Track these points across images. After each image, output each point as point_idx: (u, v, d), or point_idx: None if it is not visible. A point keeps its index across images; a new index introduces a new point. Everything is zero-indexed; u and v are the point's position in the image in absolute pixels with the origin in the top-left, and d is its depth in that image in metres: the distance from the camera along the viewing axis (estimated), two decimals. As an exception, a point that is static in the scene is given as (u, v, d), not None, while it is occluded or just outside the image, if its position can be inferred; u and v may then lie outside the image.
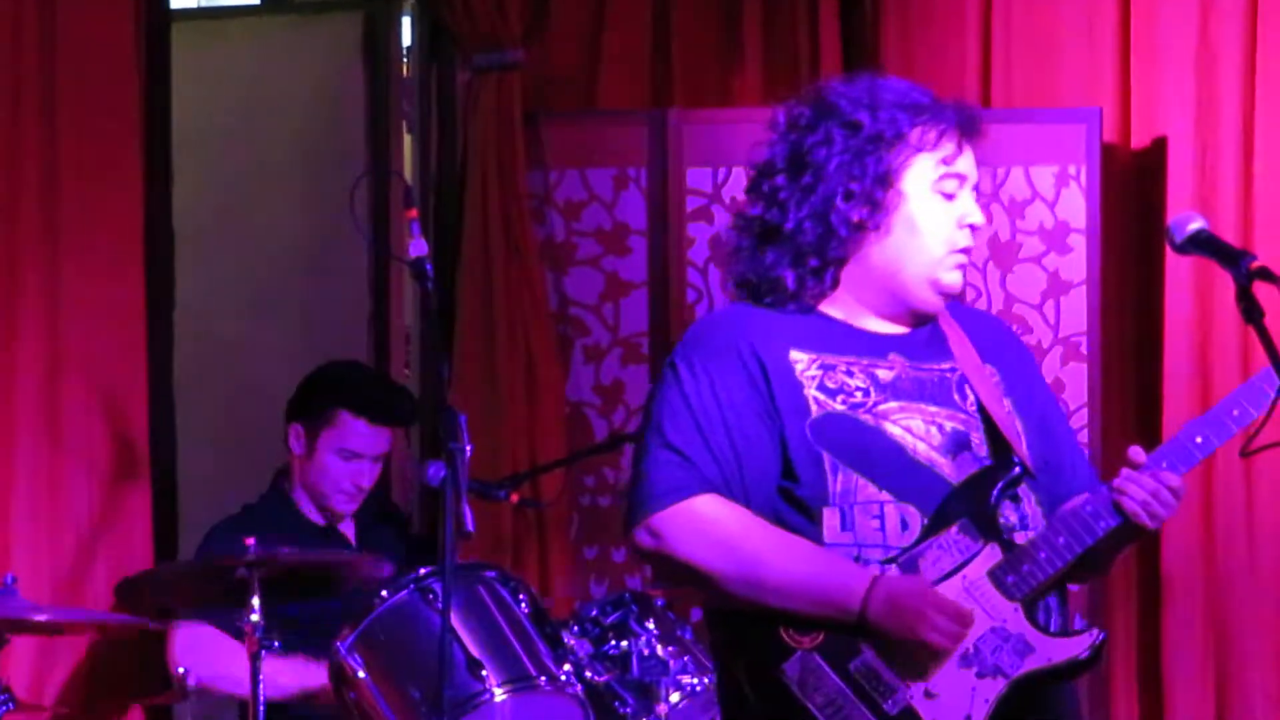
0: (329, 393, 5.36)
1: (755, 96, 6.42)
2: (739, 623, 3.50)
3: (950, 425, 3.54)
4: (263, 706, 4.56)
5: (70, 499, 5.41)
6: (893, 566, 3.46)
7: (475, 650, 4.55)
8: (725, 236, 3.65)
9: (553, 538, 6.25)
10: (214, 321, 6.42)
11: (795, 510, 3.49)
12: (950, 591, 3.46)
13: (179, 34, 5.95)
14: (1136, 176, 6.20)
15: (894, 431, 3.51)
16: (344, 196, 4.68)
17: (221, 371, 6.43)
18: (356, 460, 5.31)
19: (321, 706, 4.93)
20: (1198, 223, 3.53)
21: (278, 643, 4.59)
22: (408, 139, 6.59)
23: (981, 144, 3.60)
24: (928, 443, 3.52)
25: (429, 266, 4.34)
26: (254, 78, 6.66)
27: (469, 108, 6.35)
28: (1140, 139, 6.18)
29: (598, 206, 6.35)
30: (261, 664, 4.54)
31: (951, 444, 3.53)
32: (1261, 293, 3.41)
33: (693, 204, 6.28)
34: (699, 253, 6.26)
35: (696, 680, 4.97)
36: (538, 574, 6.17)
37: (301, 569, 4.70)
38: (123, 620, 4.99)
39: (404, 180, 6.23)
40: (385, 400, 5.38)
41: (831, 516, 3.47)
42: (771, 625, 3.45)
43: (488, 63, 6.30)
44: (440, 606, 4.26)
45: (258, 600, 4.54)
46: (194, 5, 6.98)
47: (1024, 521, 3.54)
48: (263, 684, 4.56)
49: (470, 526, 4.11)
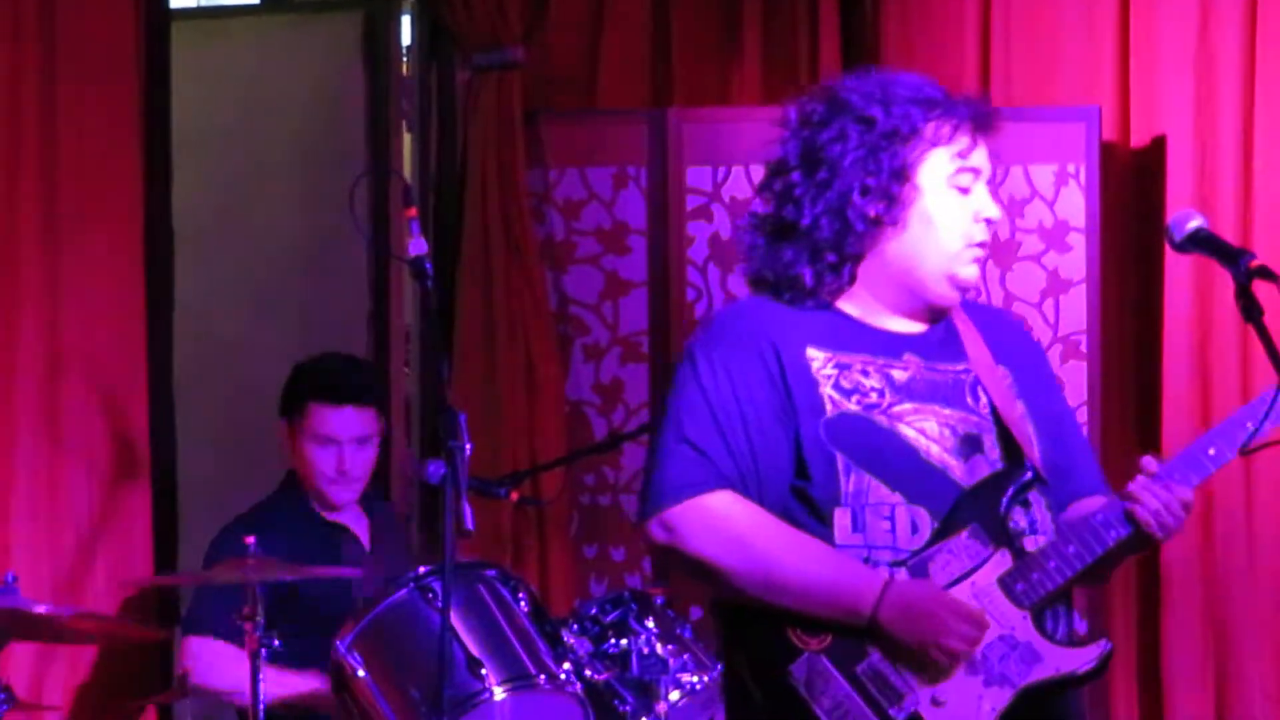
0: (298, 387, 5.36)
1: (755, 96, 6.43)
2: (747, 620, 3.49)
3: (963, 428, 3.53)
4: (263, 706, 4.57)
5: (70, 499, 5.41)
6: (902, 570, 3.45)
7: (475, 649, 4.54)
8: (738, 234, 3.64)
9: (552, 536, 6.25)
10: (214, 321, 6.42)
11: (806, 508, 3.48)
12: (960, 597, 3.45)
13: (179, 33, 5.95)
14: (1136, 175, 6.20)
15: (908, 433, 3.50)
16: (343, 196, 4.67)
17: (221, 371, 6.43)
18: (334, 445, 5.29)
19: (323, 710, 4.92)
20: (1197, 221, 3.54)
21: (278, 642, 4.59)
22: (407, 138, 6.59)
23: (995, 138, 3.59)
24: (941, 445, 3.51)
25: (429, 265, 4.33)
26: (254, 77, 6.66)
27: (469, 107, 6.36)
28: (1140, 137, 6.18)
29: (597, 205, 6.35)
30: (261, 663, 4.55)
31: (964, 447, 3.52)
32: (1260, 291, 3.42)
33: (692, 203, 6.28)
34: (699, 251, 6.26)
35: (696, 678, 4.96)
36: (537, 572, 6.17)
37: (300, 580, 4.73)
38: (127, 630, 5.02)
39: (403, 179, 6.24)
40: (343, 381, 5.35)
41: (843, 517, 3.47)
42: (780, 625, 3.44)
43: (487, 62, 6.31)
44: (440, 605, 4.27)
45: (259, 601, 4.57)
46: (194, 4, 6.98)
47: (1034, 527, 3.53)
48: (265, 684, 4.59)
49: (470, 525, 4.10)
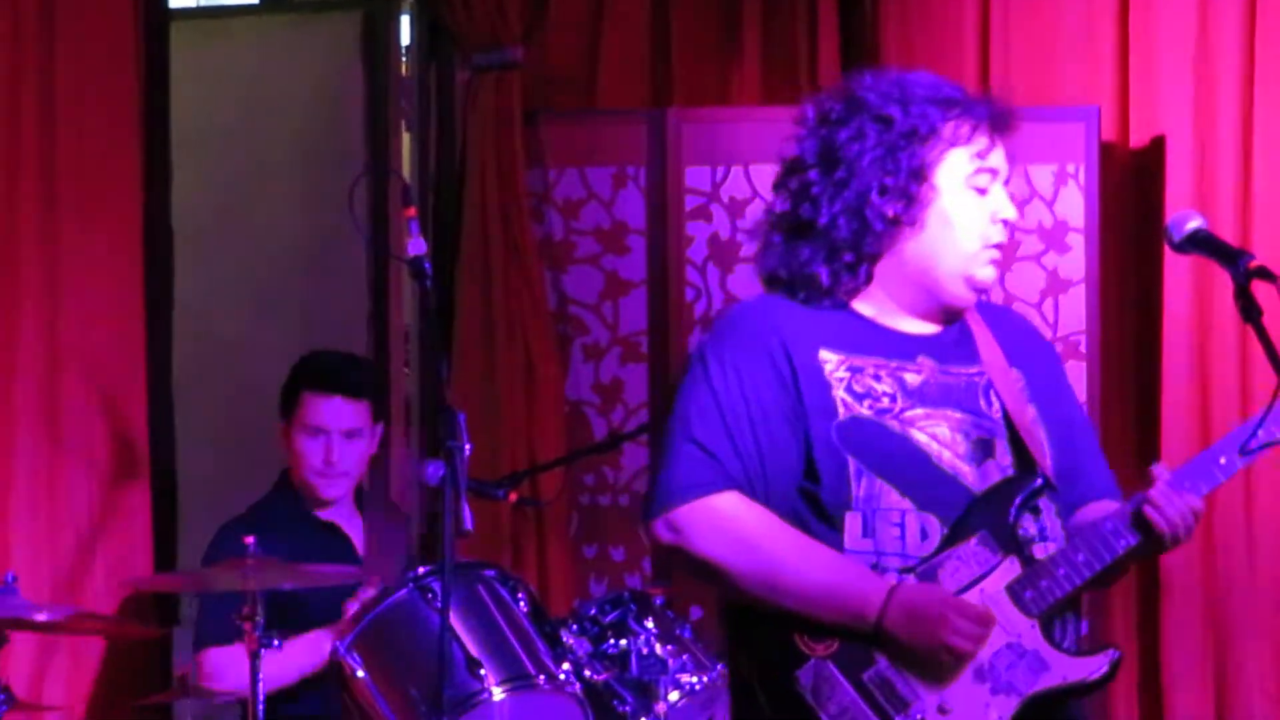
0: (292, 382, 5.36)
1: (754, 96, 6.42)
2: (754, 624, 3.47)
3: (976, 432, 3.52)
4: (262, 706, 4.57)
5: (70, 499, 5.41)
6: (910, 576, 3.43)
7: (474, 649, 4.54)
8: (743, 233, 3.62)
9: (552, 536, 6.25)
10: (214, 321, 6.42)
11: (815, 511, 3.47)
12: None
13: (179, 33, 5.95)
14: (1135, 175, 6.19)
15: (920, 439, 3.48)
16: (343, 195, 4.67)
17: (221, 371, 6.43)
18: (323, 435, 5.28)
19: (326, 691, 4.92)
20: (1196, 221, 3.54)
21: (278, 641, 4.59)
22: (407, 138, 6.59)
23: (1012, 139, 3.58)
24: (953, 451, 3.49)
25: (428, 265, 4.34)
26: (253, 77, 6.66)
27: (468, 107, 6.36)
28: (1139, 138, 6.18)
29: (597, 205, 6.35)
30: (261, 663, 4.55)
31: (976, 452, 3.50)
32: (1260, 291, 3.42)
33: (691, 203, 6.28)
34: (698, 251, 6.26)
35: (695, 679, 4.96)
36: (537, 573, 6.17)
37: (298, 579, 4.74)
38: (127, 629, 5.01)
39: (403, 179, 6.24)
40: (335, 371, 5.35)
41: (853, 522, 3.45)
42: (786, 630, 3.43)
43: (487, 62, 6.31)
44: (439, 605, 4.27)
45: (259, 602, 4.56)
46: (194, 4, 6.98)
47: (1043, 534, 3.52)
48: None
49: (469, 525, 4.11)
